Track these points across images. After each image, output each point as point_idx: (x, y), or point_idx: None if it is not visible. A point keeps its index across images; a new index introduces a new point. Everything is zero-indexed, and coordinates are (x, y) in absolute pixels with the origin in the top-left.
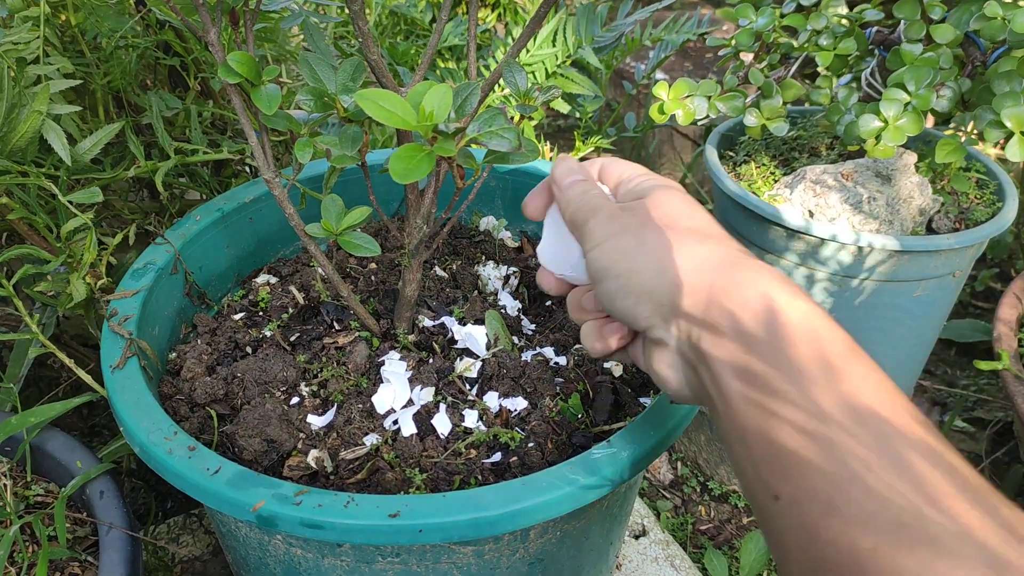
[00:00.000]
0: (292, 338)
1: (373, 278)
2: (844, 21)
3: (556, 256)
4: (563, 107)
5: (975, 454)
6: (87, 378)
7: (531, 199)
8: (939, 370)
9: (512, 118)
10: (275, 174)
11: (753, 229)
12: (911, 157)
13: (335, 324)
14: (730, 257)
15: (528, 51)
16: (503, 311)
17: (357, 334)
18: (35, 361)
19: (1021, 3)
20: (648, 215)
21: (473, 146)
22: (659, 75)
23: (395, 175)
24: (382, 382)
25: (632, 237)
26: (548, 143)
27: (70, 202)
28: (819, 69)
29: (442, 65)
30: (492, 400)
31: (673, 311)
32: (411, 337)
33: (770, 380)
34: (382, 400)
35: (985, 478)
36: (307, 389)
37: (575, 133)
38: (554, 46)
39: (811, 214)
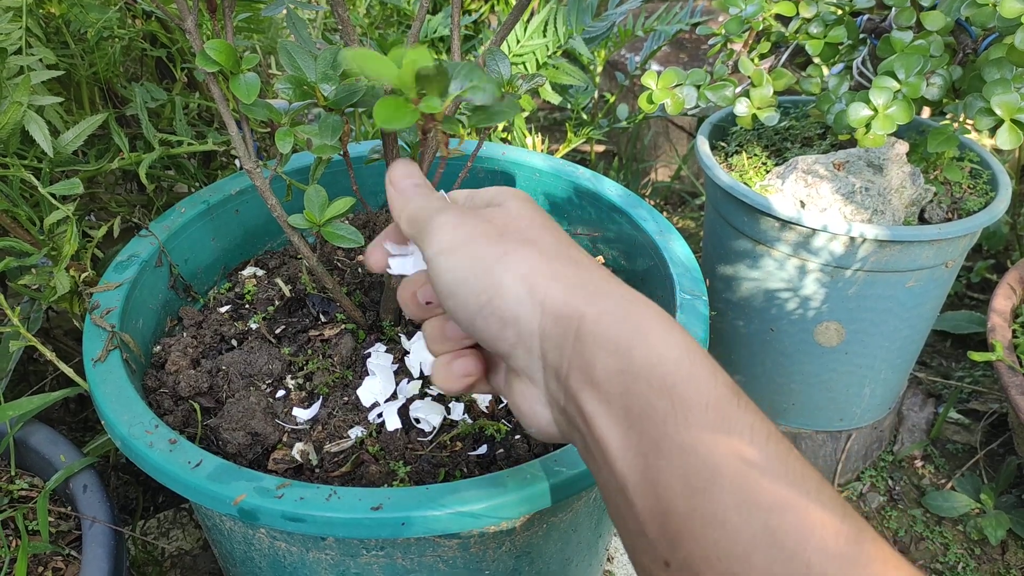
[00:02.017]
0: (278, 331)
1: (360, 270)
2: (835, 9)
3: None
4: (555, 98)
5: (970, 446)
6: (69, 372)
7: (372, 253)
8: (934, 362)
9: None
10: (256, 164)
11: (744, 220)
12: (903, 147)
13: (321, 316)
14: (598, 281)
15: (518, 41)
16: None
17: (343, 326)
18: (26, 356)
19: None
20: (508, 225)
21: (463, 136)
22: (654, 66)
23: (377, 119)
24: (368, 374)
25: (493, 248)
26: (541, 135)
27: (52, 194)
28: (813, 59)
29: (435, 57)
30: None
31: (541, 342)
32: (397, 329)
33: (652, 428)
34: (367, 393)
35: (980, 470)
36: (292, 382)
37: (567, 124)
38: (545, 36)
39: (803, 204)
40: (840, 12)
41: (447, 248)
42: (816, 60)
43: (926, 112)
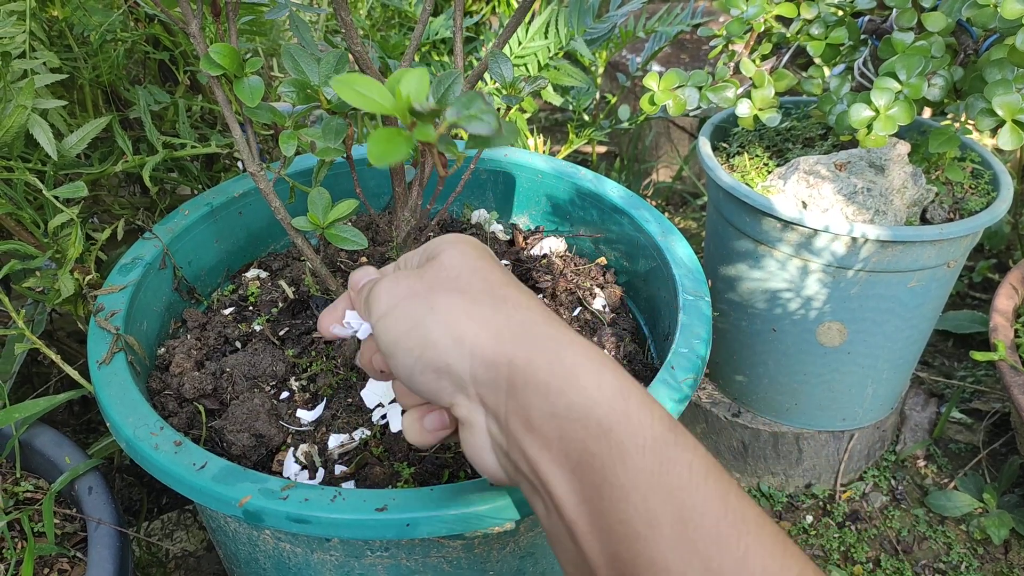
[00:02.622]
0: (281, 332)
1: None
2: (836, 10)
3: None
4: (556, 100)
5: (972, 445)
6: (74, 374)
7: (327, 315)
8: (936, 361)
9: (499, 109)
10: (259, 167)
11: (746, 220)
12: (904, 147)
13: None
14: (529, 325)
15: (520, 43)
16: None
17: None
18: (30, 358)
19: None
20: (437, 277)
21: (460, 135)
22: (655, 67)
23: (371, 157)
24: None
25: (421, 303)
26: (543, 136)
27: (56, 197)
28: (815, 60)
29: (436, 59)
30: None
31: (476, 388)
32: None
33: (593, 473)
34: (371, 394)
35: (983, 469)
36: (296, 384)
37: (569, 126)
38: (546, 38)
39: (804, 205)
40: (841, 13)
41: (383, 312)
42: (817, 61)
43: (926, 112)
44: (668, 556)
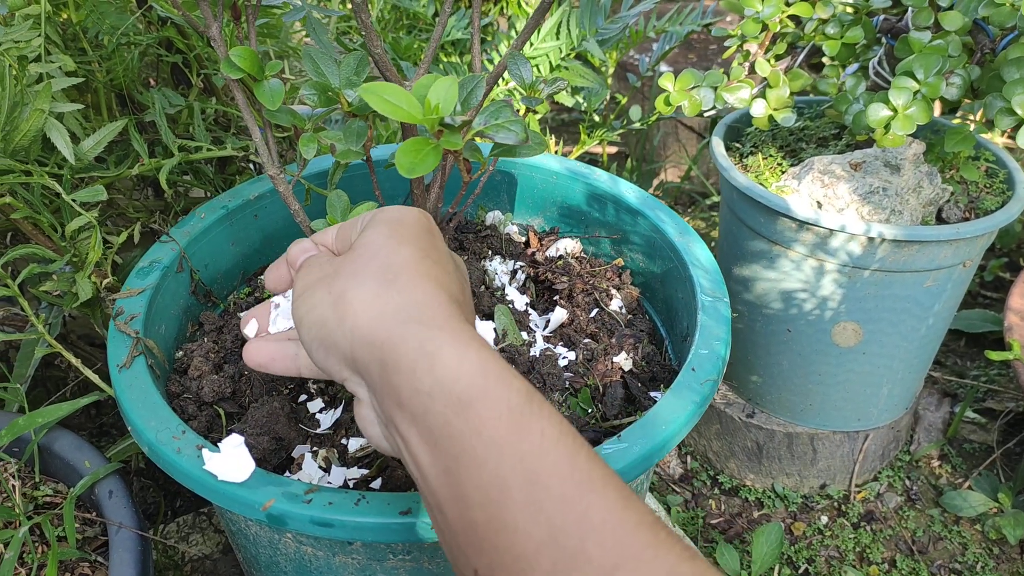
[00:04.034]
0: None
1: None
2: (851, 9)
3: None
4: (567, 100)
5: (987, 445)
6: (94, 378)
7: (271, 272)
8: (949, 360)
9: (518, 111)
10: (279, 170)
11: (761, 221)
12: (920, 146)
13: None
14: (407, 307)
15: (532, 44)
16: (511, 306)
17: None
18: (42, 361)
19: None
20: (345, 260)
21: (478, 139)
22: (663, 67)
23: (401, 169)
24: None
25: (325, 287)
26: (553, 136)
27: (74, 201)
28: (825, 59)
29: (445, 59)
30: None
31: (356, 365)
32: None
33: (452, 445)
34: None
35: (997, 469)
36: (314, 386)
37: (580, 127)
38: (558, 39)
39: (819, 205)
40: (857, 12)
41: (298, 293)
42: (826, 61)
43: (936, 110)
44: (517, 517)
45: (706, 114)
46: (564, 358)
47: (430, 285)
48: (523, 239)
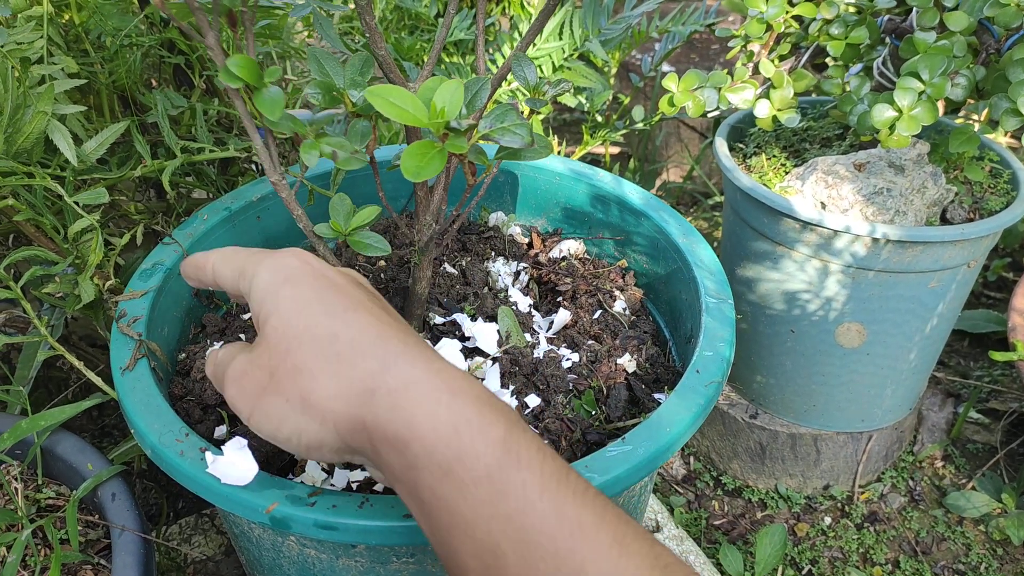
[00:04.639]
0: None
1: (383, 276)
2: (855, 9)
3: None
4: (570, 100)
5: (990, 445)
6: (97, 380)
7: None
8: (952, 361)
9: (522, 112)
10: (281, 176)
11: (764, 221)
12: (924, 147)
13: None
14: (366, 378)
15: (535, 45)
16: (514, 307)
17: None
18: (44, 363)
19: None
20: (272, 360)
21: (483, 142)
22: (665, 67)
23: (407, 173)
24: None
25: (277, 397)
26: (556, 137)
27: (76, 203)
28: (829, 59)
29: (448, 60)
30: (505, 397)
31: (353, 454)
32: (421, 335)
33: (445, 515)
34: None
35: (1001, 469)
36: None
37: (583, 127)
38: (561, 39)
39: (823, 206)
40: (861, 13)
41: (247, 415)
42: (831, 61)
43: (940, 110)
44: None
45: (709, 115)
46: (568, 360)
47: (368, 331)
48: (526, 240)
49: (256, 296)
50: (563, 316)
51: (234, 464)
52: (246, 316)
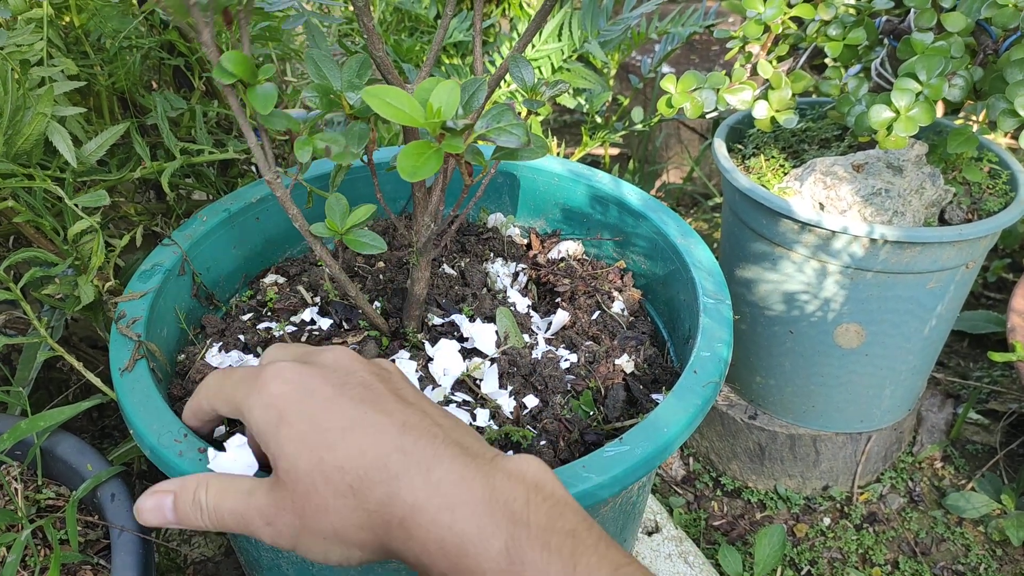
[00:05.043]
0: (302, 338)
1: (381, 277)
2: (853, 11)
3: None
4: (569, 102)
5: (990, 446)
6: (96, 381)
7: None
8: (952, 362)
9: (519, 113)
10: (276, 175)
11: (763, 222)
12: (922, 147)
13: (344, 324)
14: (381, 514)
15: (533, 46)
16: (512, 308)
17: (366, 333)
18: (44, 364)
19: None
20: (297, 502)
21: (480, 143)
22: (665, 69)
23: (403, 173)
24: None
25: (311, 538)
26: (555, 138)
27: (76, 204)
28: (828, 60)
29: (447, 61)
30: (503, 398)
31: (389, 554)
32: (420, 336)
33: None
34: None
35: (1000, 470)
36: None
37: (582, 128)
38: (560, 41)
39: (821, 206)
40: (859, 14)
41: (295, 546)
42: (829, 62)
43: (939, 111)
44: None
45: (708, 116)
46: (566, 360)
47: (368, 455)
48: (525, 241)
49: (259, 435)
50: (561, 317)
51: (235, 460)
52: (245, 317)
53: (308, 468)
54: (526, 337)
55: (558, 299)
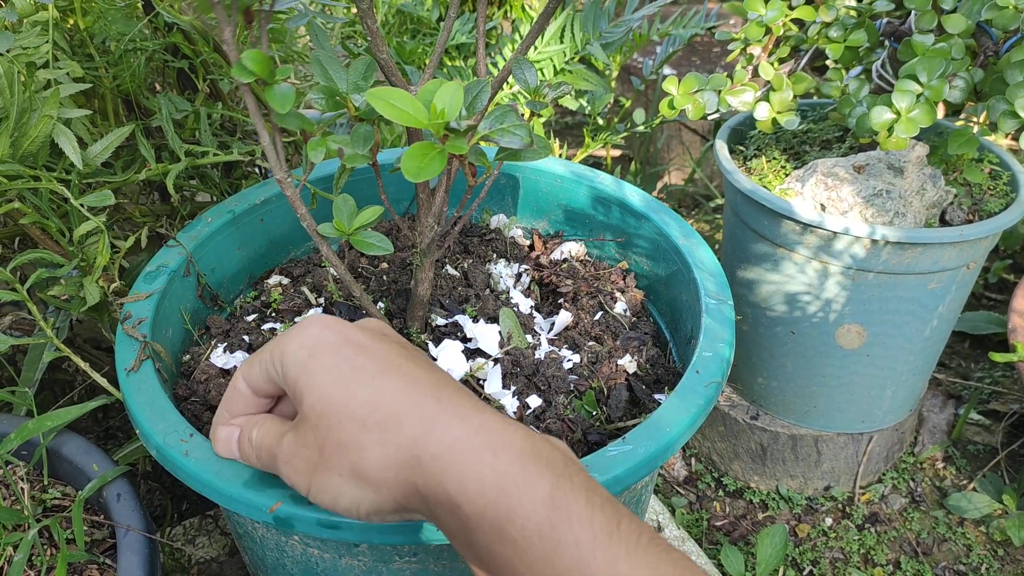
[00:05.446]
0: None
1: (385, 278)
2: (854, 13)
3: None
4: (572, 103)
5: (991, 447)
6: (102, 381)
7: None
8: (953, 362)
9: (522, 115)
10: (287, 174)
11: (764, 223)
12: (923, 149)
13: None
14: (412, 445)
15: (536, 48)
16: (515, 309)
17: None
18: (50, 365)
19: None
20: (317, 437)
21: (484, 144)
22: (667, 70)
23: (407, 174)
24: None
25: (326, 475)
26: (557, 140)
27: (82, 205)
28: (829, 62)
29: (450, 63)
30: (507, 398)
31: (409, 512)
32: (424, 337)
33: (503, 572)
34: None
35: (1002, 471)
36: None
37: (584, 130)
38: (562, 43)
39: (823, 207)
40: (860, 16)
41: (305, 490)
42: (830, 64)
43: (940, 112)
44: None
45: (710, 117)
46: (569, 361)
47: (402, 396)
48: (528, 242)
49: (289, 375)
50: (564, 317)
51: None
52: (250, 318)
53: (335, 403)
54: (529, 338)
55: (561, 300)
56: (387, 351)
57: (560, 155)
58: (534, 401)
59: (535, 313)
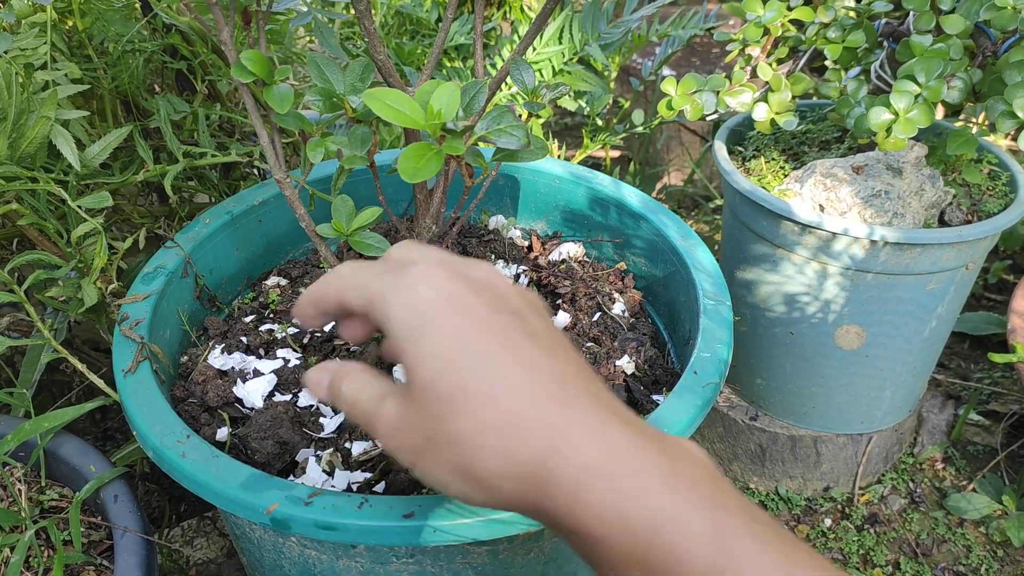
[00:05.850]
0: (304, 339)
1: None
2: (852, 13)
3: None
4: (570, 104)
5: (991, 447)
6: (100, 383)
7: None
8: (952, 363)
9: (520, 116)
10: (286, 175)
11: (763, 224)
12: (922, 149)
13: None
14: (535, 467)
15: (535, 49)
16: None
17: None
18: (47, 366)
19: None
20: (427, 424)
21: (481, 144)
22: (665, 71)
23: (404, 174)
24: None
25: (434, 465)
26: (556, 140)
27: (79, 207)
28: (827, 63)
29: (448, 64)
30: None
31: (534, 513)
32: None
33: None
34: None
35: (1001, 471)
36: None
37: (583, 131)
38: (560, 44)
39: (822, 208)
40: (858, 16)
41: (410, 465)
42: (828, 65)
43: (939, 113)
44: None
45: (708, 118)
46: None
47: (526, 394)
48: (526, 243)
49: (396, 338)
50: (562, 318)
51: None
52: (248, 319)
53: (447, 391)
54: None
55: (559, 300)
56: (505, 324)
57: (559, 156)
58: None
59: None
